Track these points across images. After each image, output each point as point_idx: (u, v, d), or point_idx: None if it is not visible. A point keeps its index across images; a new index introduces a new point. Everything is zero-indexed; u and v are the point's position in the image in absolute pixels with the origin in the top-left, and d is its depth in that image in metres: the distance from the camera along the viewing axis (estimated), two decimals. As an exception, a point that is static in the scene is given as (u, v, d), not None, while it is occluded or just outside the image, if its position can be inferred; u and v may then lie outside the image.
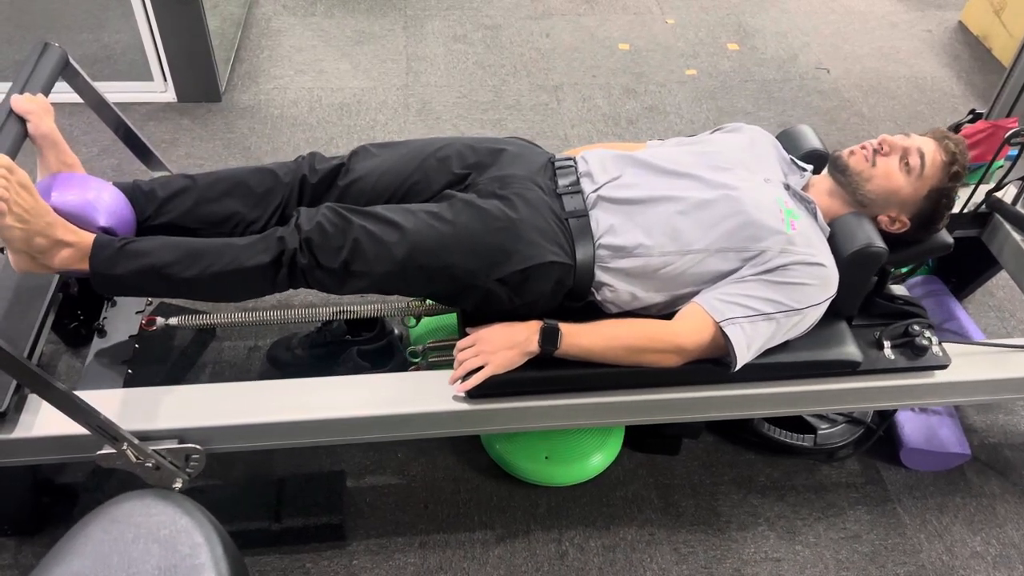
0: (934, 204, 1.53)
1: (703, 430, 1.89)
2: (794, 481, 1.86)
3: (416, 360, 1.64)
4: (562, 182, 1.54)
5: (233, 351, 2.00)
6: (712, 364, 1.46)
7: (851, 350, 1.53)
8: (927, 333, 1.59)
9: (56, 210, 1.37)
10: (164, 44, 2.60)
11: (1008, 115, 2.00)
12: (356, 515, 1.73)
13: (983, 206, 1.92)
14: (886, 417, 1.88)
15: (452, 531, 1.72)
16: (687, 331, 1.42)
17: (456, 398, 1.48)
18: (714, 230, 1.44)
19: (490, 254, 1.40)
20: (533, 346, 1.42)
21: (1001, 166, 1.88)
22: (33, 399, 1.42)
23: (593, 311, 1.51)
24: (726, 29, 3.37)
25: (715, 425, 1.93)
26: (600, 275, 1.46)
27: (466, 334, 1.49)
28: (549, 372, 1.46)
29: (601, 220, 1.48)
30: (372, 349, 1.86)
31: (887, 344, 1.58)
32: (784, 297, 1.41)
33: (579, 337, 1.42)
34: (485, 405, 1.48)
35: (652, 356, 1.44)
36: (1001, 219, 1.94)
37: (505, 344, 1.43)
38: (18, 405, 1.41)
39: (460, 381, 1.45)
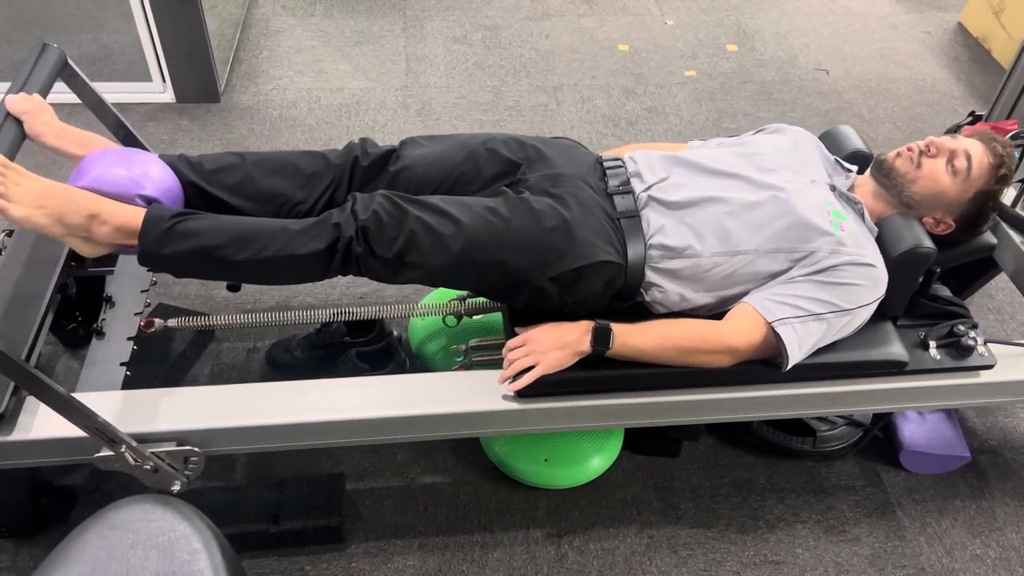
0: (980, 206, 1.53)
1: (703, 432, 1.89)
2: (794, 484, 1.86)
3: (459, 359, 1.63)
4: (612, 182, 1.54)
5: (232, 353, 1.99)
6: (761, 364, 1.47)
7: (898, 350, 1.54)
8: (972, 333, 1.59)
9: (96, 189, 1.35)
10: (163, 44, 2.59)
11: (1008, 117, 2.00)
12: (355, 517, 1.72)
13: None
14: (882, 417, 1.88)
15: (451, 533, 1.72)
16: (738, 331, 1.43)
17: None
18: (763, 231, 1.44)
19: (544, 252, 1.40)
20: (585, 346, 1.42)
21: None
22: (32, 401, 1.42)
23: (640, 312, 1.51)
24: (725, 30, 3.37)
25: (714, 427, 1.93)
26: (650, 275, 1.46)
27: (515, 334, 1.49)
28: (599, 372, 1.47)
29: (652, 220, 1.48)
30: (371, 351, 1.86)
31: (932, 344, 1.58)
32: (835, 297, 1.42)
33: (630, 337, 1.42)
34: (490, 407, 1.48)
35: (704, 357, 1.44)
36: (1001, 221, 1.94)
37: (556, 344, 1.43)
38: (16, 407, 1.40)
39: (510, 381, 1.45)
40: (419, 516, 1.74)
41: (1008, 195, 1.93)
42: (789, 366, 1.43)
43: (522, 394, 1.46)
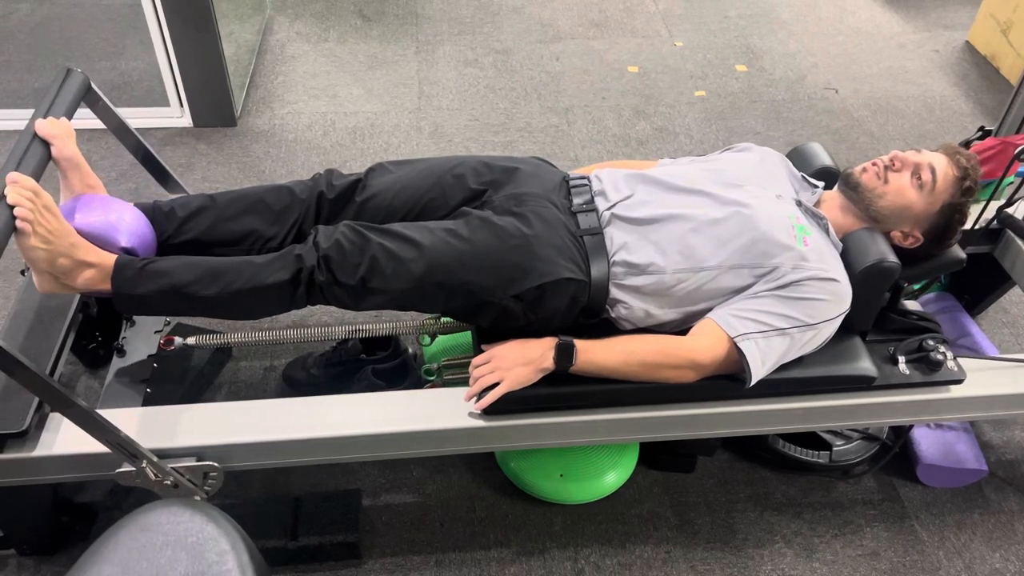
0: (947, 219, 1.54)
1: (718, 447, 1.89)
2: (810, 498, 1.86)
3: (431, 378, 1.65)
4: (576, 200, 1.56)
5: (249, 371, 2.01)
6: (727, 380, 1.47)
7: (866, 365, 1.53)
8: (942, 348, 1.59)
9: (79, 231, 1.39)
10: (181, 70, 2.64)
11: (1017, 132, 2.01)
12: (372, 533, 1.73)
13: (994, 222, 1.92)
14: (901, 433, 1.87)
15: (468, 549, 1.72)
16: (702, 347, 1.43)
17: (471, 415, 1.49)
18: (727, 247, 1.45)
19: (506, 271, 1.42)
20: (548, 362, 1.43)
21: (1011, 182, 1.89)
22: (53, 418, 1.44)
23: (608, 328, 1.52)
24: (734, 51, 3.40)
25: (730, 442, 1.93)
26: (615, 292, 1.47)
27: (482, 351, 1.50)
28: (565, 388, 1.47)
29: (615, 238, 1.49)
30: (387, 368, 1.87)
31: (902, 359, 1.58)
32: (798, 312, 1.42)
33: (594, 353, 1.43)
34: (499, 422, 1.49)
35: (668, 372, 1.44)
36: (1013, 235, 1.95)
37: (520, 361, 1.44)
38: (39, 424, 1.43)
39: (476, 399, 1.46)
40: (435, 532, 1.75)
41: (1020, 209, 1.94)
42: (753, 382, 1.43)
43: (488, 411, 1.47)
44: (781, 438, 1.86)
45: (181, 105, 2.74)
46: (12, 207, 1.25)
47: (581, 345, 1.43)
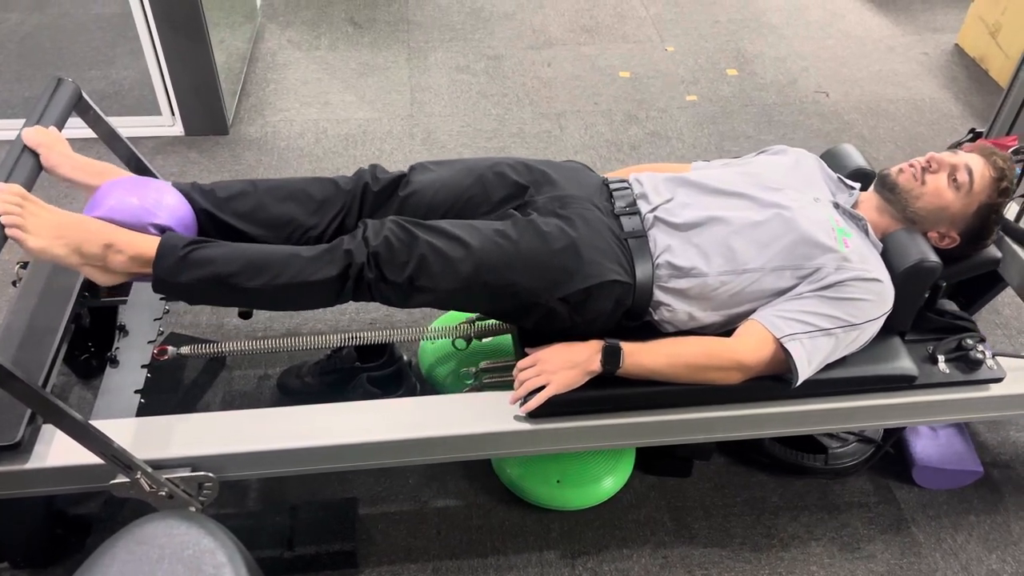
0: (983, 220, 1.55)
1: (714, 451, 1.89)
2: (807, 501, 1.86)
3: (469, 382, 1.64)
4: (619, 203, 1.56)
5: (244, 380, 2.01)
6: (771, 381, 1.48)
7: (906, 364, 1.54)
8: (980, 347, 1.59)
9: (107, 220, 1.37)
10: (172, 79, 2.63)
11: (1008, 133, 2.02)
12: (368, 542, 1.72)
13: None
14: (893, 433, 1.88)
15: (465, 557, 1.71)
16: (748, 348, 1.44)
17: (470, 423, 1.48)
18: (769, 249, 1.46)
19: (553, 273, 1.41)
20: (595, 365, 1.43)
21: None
22: (47, 430, 1.43)
23: (650, 331, 1.52)
24: (725, 55, 3.41)
25: (726, 446, 1.93)
26: (658, 295, 1.48)
27: (525, 354, 1.50)
28: (607, 391, 1.47)
29: (659, 241, 1.50)
30: (382, 375, 1.87)
31: (941, 358, 1.59)
32: (842, 312, 1.43)
33: (640, 356, 1.43)
34: (497, 428, 1.49)
35: (713, 374, 1.45)
36: (1005, 236, 1.95)
37: (566, 364, 1.44)
38: (32, 436, 1.41)
39: (521, 402, 1.46)
40: (432, 540, 1.74)
41: (1011, 210, 1.95)
42: (799, 382, 1.44)
43: (534, 415, 1.47)
44: (777, 441, 1.86)
45: (172, 114, 2.74)
46: None
47: (627, 348, 1.43)
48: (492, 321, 1.70)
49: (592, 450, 1.75)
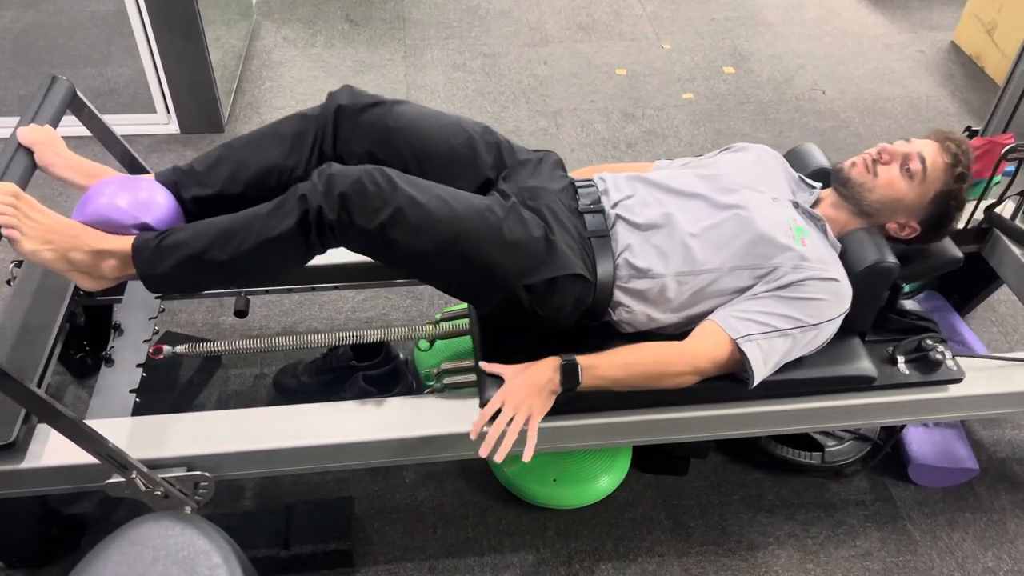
0: (942, 207, 1.52)
1: (711, 449, 1.89)
2: (803, 499, 1.86)
3: (431, 383, 1.64)
4: (584, 201, 1.54)
5: (239, 379, 2.00)
6: (728, 381, 1.47)
7: (866, 365, 1.54)
8: (940, 347, 1.59)
9: (87, 224, 1.35)
10: (167, 77, 2.62)
11: (1004, 131, 2.02)
12: (365, 541, 1.72)
13: (983, 222, 1.93)
14: (893, 433, 1.88)
15: (461, 556, 1.71)
16: (703, 349, 1.42)
17: (464, 421, 1.48)
18: (725, 249, 1.45)
19: (527, 259, 1.38)
20: (556, 385, 1.40)
21: (999, 181, 1.89)
22: (41, 429, 1.43)
23: (608, 331, 1.52)
24: (721, 53, 3.41)
25: (723, 444, 1.93)
26: (618, 295, 1.47)
27: (484, 358, 1.48)
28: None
29: (620, 239, 1.49)
30: (378, 374, 1.86)
31: (901, 359, 1.58)
32: (799, 312, 1.42)
33: (598, 369, 1.41)
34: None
35: (670, 380, 1.44)
36: (1001, 234, 1.96)
37: (532, 390, 1.40)
38: (27, 436, 1.41)
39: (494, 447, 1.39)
40: (429, 539, 1.74)
41: (1007, 208, 1.95)
42: (756, 383, 1.43)
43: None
44: (774, 440, 1.86)
45: (168, 112, 2.73)
46: None
47: (584, 362, 1.41)
48: (456, 322, 1.69)
49: (585, 450, 1.74)
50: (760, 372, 1.42)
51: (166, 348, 1.65)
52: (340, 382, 1.86)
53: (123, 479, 1.37)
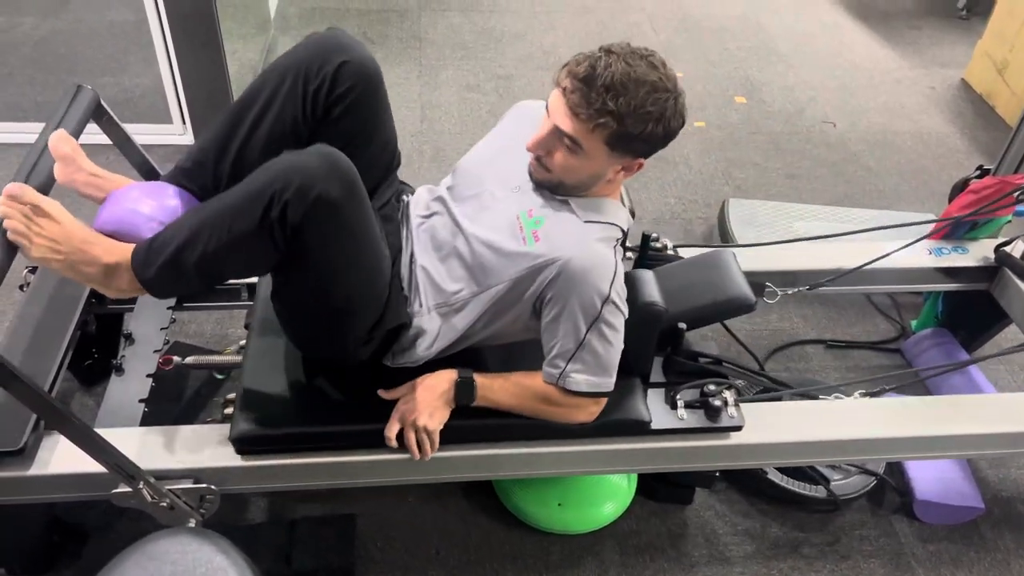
0: (623, 134, 1.32)
1: (716, 480, 1.88)
2: (807, 533, 1.85)
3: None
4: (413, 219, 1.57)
5: (246, 392, 2.00)
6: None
7: (640, 409, 1.50)
8: (725, 394, 1.54)
9: (111, 230, 1.32)
10: (184, 88, 2.64)
11: (1016, 171, 2.02)
12: (367, 559, 1.71)
13: (993, 260, 1.94)
14: (897, 469, 1.87)
15: (463, 578, 1.71)
16: (567, 404, 1.42)
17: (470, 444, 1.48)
18: (478, 272, 1.41)
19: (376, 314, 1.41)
20: (451, 397, 1.41)
21: (1009, 221, 1.91)
22: (50, 437, 1.42)
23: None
24: (734, 82, 3.43)
25: (728, 475, 1.92)
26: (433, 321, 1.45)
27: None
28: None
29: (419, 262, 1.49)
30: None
31: (680, 404, 1.54)
32: (577, 311, 1.33)
33: (490, 391, 1.41)
34: (494, 451, 1.49)
35: (557, 411, 1.43)
36: (1010, 273, 1.96)
37: (432, 402, 1.40)
38: (35, 443, 1.41)
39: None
40: (430, 559, 1.73)
41: (1017, 248, 1.96)
42: (609, 391, 1.40)
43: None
44: (780, 472, 1.85)
45: (184, 122, 2.75)
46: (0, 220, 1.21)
47: (480, 381, 1.40)
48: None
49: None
50: (608, 385, 1.39)
51: (176, 359, 1.66)
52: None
53: (130, 489, 1.36)
